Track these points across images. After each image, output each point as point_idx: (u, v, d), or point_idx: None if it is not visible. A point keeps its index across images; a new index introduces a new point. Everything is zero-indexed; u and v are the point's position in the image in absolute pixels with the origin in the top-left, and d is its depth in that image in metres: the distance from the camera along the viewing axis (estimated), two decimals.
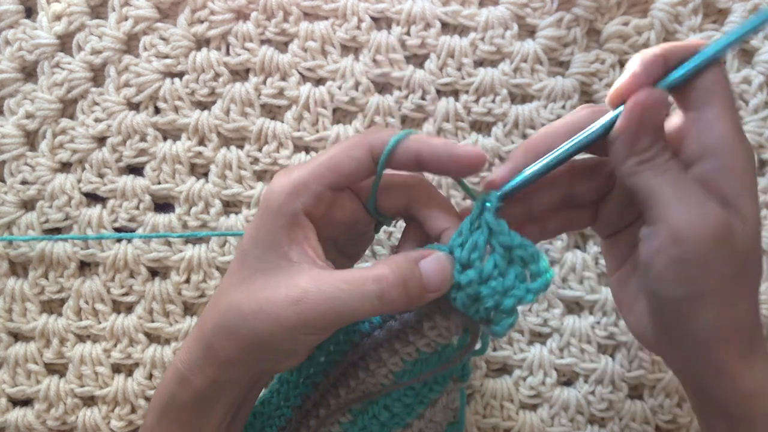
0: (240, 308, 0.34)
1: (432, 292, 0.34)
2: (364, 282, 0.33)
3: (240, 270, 0.36)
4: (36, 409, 0.50)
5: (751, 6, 0.49)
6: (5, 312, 0.50)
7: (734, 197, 0.32)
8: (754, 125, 0.49)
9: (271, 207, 0.35)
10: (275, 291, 0.33)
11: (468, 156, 0.34)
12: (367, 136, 0.36)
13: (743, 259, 0.32)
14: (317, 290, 0.33)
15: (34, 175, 0.49)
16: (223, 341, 0.35)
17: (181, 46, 0.49)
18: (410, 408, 0.39)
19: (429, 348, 0.37)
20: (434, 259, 0.34)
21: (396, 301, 0.33)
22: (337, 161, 0.35)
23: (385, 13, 0.49)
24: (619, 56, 0.49)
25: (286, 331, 0.33)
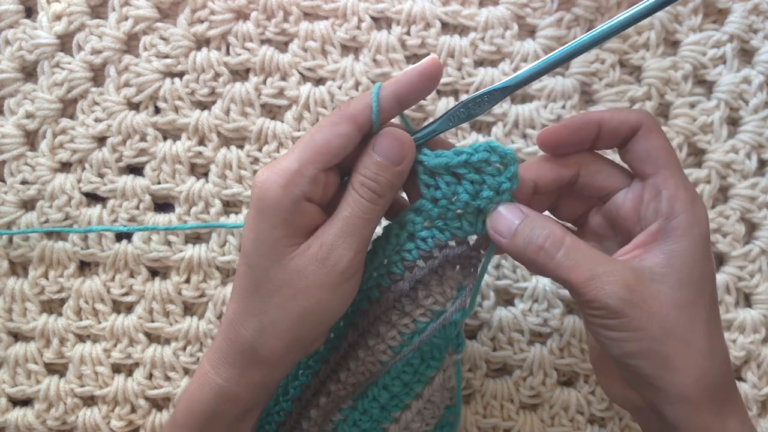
0: (277, 303, 0.35)
1: (399, 163, 0.36)
2: (354, 199, 0.36)
3: (251, 272, 0.36)
4: (36, 409, 0.50)
5: (751, 6, 0.49)
6: (5, 312, 0.50)
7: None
8: (754, 125, 0.49)
9: (269, 203, 0.35)
10: (302, 268, 0.35)
11: (427, 65, 0.36)
12: (344, 109, 0.36)
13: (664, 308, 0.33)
14: (333, 236, 0.35)
15: (34, 175, 0.49)
16: (271, 343, 0.36)
17: (181, 45, 0.49)
18: (409, 387, 0.40)
19: (425, 317, 0.38)
20: (380, 138, 0.36)
21: (383, 191, 0.36)
22: (324, 142, 0.35)
23: (385, 13, 0.49)
24: (619, 56, 0.49)
25: (328, 293, 0.35)
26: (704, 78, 0.50)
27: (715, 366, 0.34)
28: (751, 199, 0.49)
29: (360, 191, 0.36)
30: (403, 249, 0.38)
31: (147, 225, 0.49)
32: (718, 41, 0.49)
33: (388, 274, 0.38)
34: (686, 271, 0.34)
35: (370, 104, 0.36)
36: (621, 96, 0.49)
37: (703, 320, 0.34)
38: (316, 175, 0.35)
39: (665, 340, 0.33)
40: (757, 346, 0.49)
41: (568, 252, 0.34)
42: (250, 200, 0.36)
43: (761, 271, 0.49)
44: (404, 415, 0.40)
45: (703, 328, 0.34)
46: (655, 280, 0.34)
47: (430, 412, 0.42)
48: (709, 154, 0.49)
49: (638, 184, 0.37)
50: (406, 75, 0.36)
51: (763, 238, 0.49)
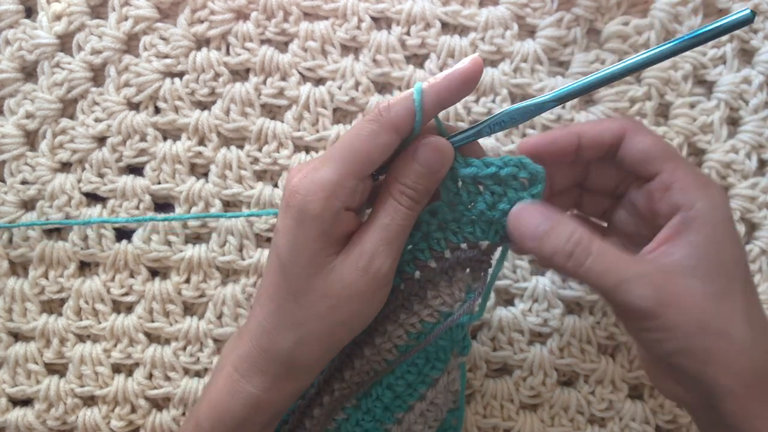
0: (317, 313, 0.35)
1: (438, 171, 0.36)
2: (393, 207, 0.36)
3: (290, 282, 0.36)
4: (36, 409, 0.50)
5: (752, 6, 0.49)
6: (5, 312, 0.50)
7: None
8: (754, 125, 0.49)
9: (312, 214, 0.34)
10: (344, 277, 0.35)
11: (470, 67, 0.35)
12: (385, 115, 0.35)
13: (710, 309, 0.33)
14: (372, 244, 0.35)
15: (34, 175, 0.49)
16: (308, 353, 0.36)
17: (181, 46, 0.49)
18: (413, 388, 0.40)
19: (432, 318, 0.38)
20: (423, 147, 0.36)
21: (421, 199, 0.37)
22: (366, 153, 0.35)
23: (385, 13, 0.49)
24: (619, 56, 0.49)
25: (368, 300, 0.35)
26: (704, 78, 0.50)
27: (758, 355, 0.33)
28: (751, 199, 0.49)
29: (400, 199, 0.36)
30: (416, 248, 0.38)
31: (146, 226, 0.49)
32: (718, 41, 0.49)
33: (399, 273, 0.38)
34: (715, 259, 0.33)
35: (412, 110, 0.35)
36: (621, 96, 0.49)
37: (740, 308, 0.33)
38: (356, 185, 0.35)
39: (703, 335, 0.32)
40: None
41: (597, 258, 0.34)
42: (286, 207, 0.35)
43: (761, 271, 0.49)
44: (407, 417, 0.40)
45: (741, 317, 0.33)
46: (684, 274, 0.33)
47: (432, 414, 0.42)
48: (709, 154, 0.49)
49: (648, 186, 0.37)
50: (449, 78, 0.35)
51: (763, 238, 0.49)
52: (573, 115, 0.49)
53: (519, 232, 0.36)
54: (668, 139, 0.49)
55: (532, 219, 0.36)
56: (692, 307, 0.33)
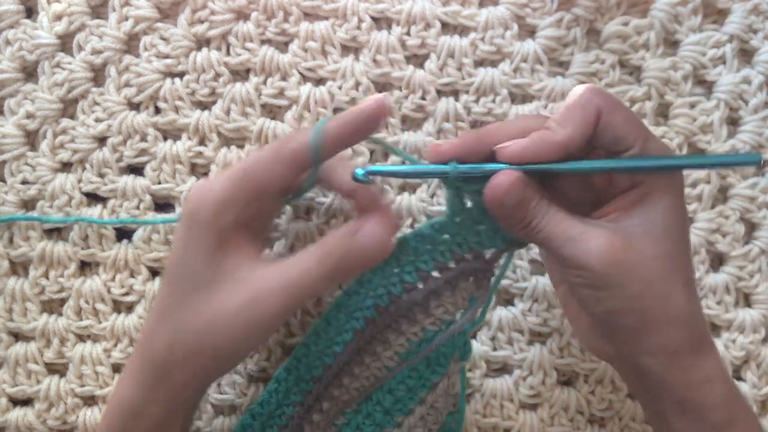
0: (193, 327, 0.35)
1: (371, 260, 0.36)
2: (308, 267, 0.35)
3: (176, 289, 0.36)
4: (36, 409, 0.50)
5: (751, 6, 0.49)
6: (5, 312, 0.50)
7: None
8: (754, 125, 0.49)
9: (200, 222, 0.35)
10: (225, 301, 0.34)
11: (374, 105, 0.36)
12: (285, 146, 0.36)
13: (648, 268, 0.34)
14: (268, 287, 0.34)
15: (34, 175, 0.49)
16: (179, 362, 0.35)
17: (182, 46, 0.49)
18: (413, 392, 0.40)
19: (434, 326, 0.38)
20: (369, 229, 0.35)
21: (343, 272, 0.35)
22: (259, 179, 0.36)
23: (386, 13, 0.49)
24: (619, 56, 0.49)
25: (246, 337, 0.34)
26: (704, 78, 0.50)
27: (693, 316, 0.35)
28: (750, 199, 0.49)
29: (322, 264, 0.35)
30: (419, 259, 0.38)
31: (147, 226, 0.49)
32: (717, 41, 0.49)
33: (400, 283, 0.38)
34: (665, 227, 0.34)
35: (309, 144, 0.35)
36: (621, 96, 0.49)
37: (681, 273, 0.35)
38: (249, 203, 0.35)
39: (646, 296, 0.34)
40: (757, 346, 0.49)
41: (551, 214, 0.35)
42: (182, 215, 0.36)
43: (761, 271, 0.49)
44: (407, 420, 0.40)
45: (682, 280, 0.35)
46: (634, 236, 0.34)
47: (432, 417, 0.42)
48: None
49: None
50: (353, 116, 0.36)
51: (762, 238, 0.49)
52: None
53: (492, 182, 0.36)
54: (668, 139, 0.49)
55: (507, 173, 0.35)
56: (638, 268, 0.34)
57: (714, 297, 0.49)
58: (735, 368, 0.50)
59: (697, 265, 0.49)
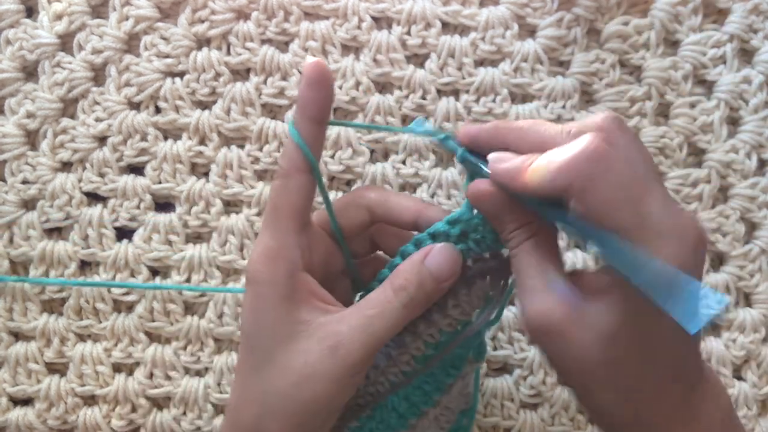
0: (278, 389, 0.33)
1: (445, 281, 0.35)
2: (387, 300, 0.34)
3: (255, 353, 0.34)
4: (36, 409, 0.50)
5: (751, 6, 0.49)
6: (6, 311, 0.50)
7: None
8: (754, 125, 0.49)
9: (262, 282, 0.34)
10: (307, 353, 0.33)
11: (308, 71, 0.34)
12: (282, 166, 0.35)
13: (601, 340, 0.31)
14: (349, 329, 0.33)
15: (34, 175, 0.49)
16: (275, 428, 0.33)
17: (182, 45, 0.49)
18: (428, 396, 0.39)
19: (450, 327, 0.37)
20: (437, 252, 0.35)
21: (419, 303, 0.34)
22: (285, 204, 0.35)
23: (386, 13, 0.49)
24: (619, 56, 0.49)
25: (333, 383, 0.33)
26: (704, 78, 0.50)
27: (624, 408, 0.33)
28: (751, 198, 0.49)
29: (397, 295, 0.34)
30: None
31: (147, 225, 0.49)
32: (718, 41, 0.49)
33: None
34: (615, 332, 0.31)
35: (295, 144, 0.35)
36: (621, 96, 0.49)
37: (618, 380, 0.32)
38: (298, 239, 0.34)
39: (574, 380, 0.33)
40: (757, 345, 0.49)
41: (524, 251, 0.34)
42: (246, 286, 0.35)
43: (761, 271, 0.49)
44: (420, 422, 0.40)
45: (617, 388, 0.32)
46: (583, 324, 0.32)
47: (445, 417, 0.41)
48: (709, 153, 0.49)
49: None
50: (300, 93, 0.35)
51: (763, 238, 0.49)
52: (573, 115, 0.49)
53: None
54: (668, 139, 0.49)
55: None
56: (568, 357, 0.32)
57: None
58: (735, 368, 0.50)
59: None
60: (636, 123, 0.49)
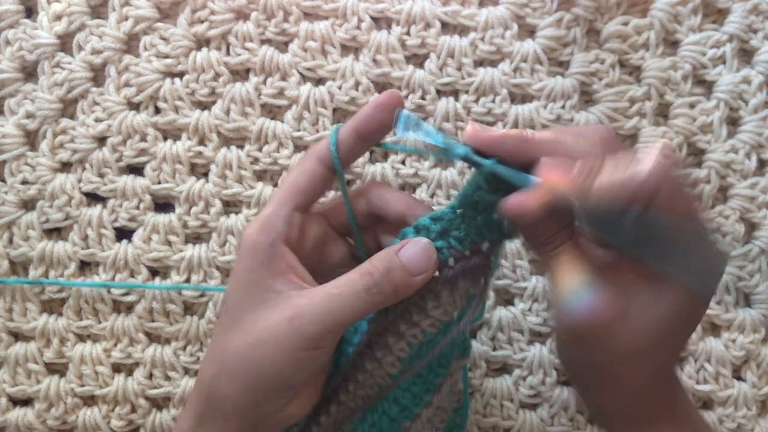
0: (236, 348, 0.34)
1: (417, 275, 0.34)
2: (352, 282, 0.34)
3: (226, 317, 0.35)
4: (36, 409, 0.50)
5: (751, 6, 0.49)
6: (5, 312, 0.50)
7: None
8: (754, 125, 0.49)
9: (247, 246, 0.35)
10: (268, 319, 0.34)
11: (385, 97, 0.36)
12: (310, 148, 0.37)
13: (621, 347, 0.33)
14: (310, 302, 0.33)
15: (34, 175, 0.49)
16: (224, 388, 0.34)
17: (182, 46, 0.49)
18: (418, 398, 0.39)
19: (433, 328, 0.37)
20: (412, 244, 0.34)
21: (384, 291, 0.34)
22: (293, 181, 0.36)
23: (385, 13, 0.49)
24: (619, 56, 0.49)
25: (286, 352, 0.33)
26: (704, 78, 0.50)
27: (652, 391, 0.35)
28: (750, 198, 0.49)
29: (362, 278, 0.34)
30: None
31: (146, 225, 0.49)
32: (717, 41, 0.49)
33: None
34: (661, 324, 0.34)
35: (328, 143, 0.36)
36: (621, 96, 0.49)
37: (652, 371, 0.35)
38: (290, 214, 0.35)
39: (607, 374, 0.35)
40: (757, 345, 0.49)
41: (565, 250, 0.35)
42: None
43: (761, 271, 0.49)
44: (414, 425, 0.40)
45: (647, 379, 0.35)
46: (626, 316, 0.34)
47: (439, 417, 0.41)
48: (708, 154, 0.49)
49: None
50: (365, 108, 0.36)
51: (762, 238, 0.49)
52: (572, 115, 0.49)
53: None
54: (668, 139, 0.49)
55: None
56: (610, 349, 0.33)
57: (714, 297, 0.49)
58: (735, 368, 0.50)
59: None
60: (635, 123, 0.49)
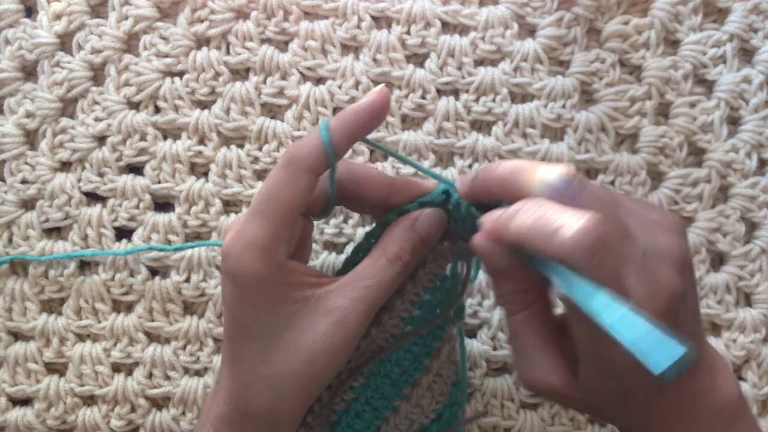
0: (292, 369, 0.34)
1: (433, 242, 0.37)
2: (384, 270, 0.35)
3: (256, 345, 0.35)
4: (36, 409, 0.50)
5: (752, 5, 0.49)
6: (5, 311, 0.50)
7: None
8: (754, 125, 0.49)
9: (251, 274, 0.34)
10: (314, 331, 0.34)
11: (374, 99, 0.35)
12: (297, 158, 0.34)
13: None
14: (352, 301, 0.34)
15: (34, 175, 0.49)
16: (288, 411, 0.35)
17: (182, 45, 0.49)
18: (418, 361, 0.40)
19: (431, 283, 0.39)
20: (425, 217, 0.37)
21: (411, 267, 0.37)
22: (287, 201, 0.34)
23: (386, 13, 0.49)
24: (619, 55, 0.49)
25: (343, 354, 0.35)
26: (704, 77, 0.50)
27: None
28: (751, 198, 0.49)
29: (394, 264, 0.36)
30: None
31: (146, 225, 0.49)
32: (718, 41, 0.49)
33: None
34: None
35: (322, 148, 0.35)
36: (621, 95, 0.49)
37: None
38: (287, 233, 0.35)
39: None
40: (758, 345, 0.49)
41: (524, 319, 0.36)
42: (224, 272, 0.35)
43: (761, 271, 0.49)
44: (414, 391, 0.40)
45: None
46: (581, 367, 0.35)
47: (438, 386, 0.42)
48: (709, 153, 0.49)
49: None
50: (356, 111, 0.35)
51: (763, 238, 0.49)
52: (573, 114, 0.49)
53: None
54: (668, 139, 0.49)
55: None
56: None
57: (714, 296, 0.49)
58: (736, 368, 0.50)
59: (698, 264, 0.49)
60: (636, 123, 0.49)
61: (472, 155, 0.49)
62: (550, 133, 0.50)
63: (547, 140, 0.49)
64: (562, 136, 0.49)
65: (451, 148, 0.49)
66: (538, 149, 0.49)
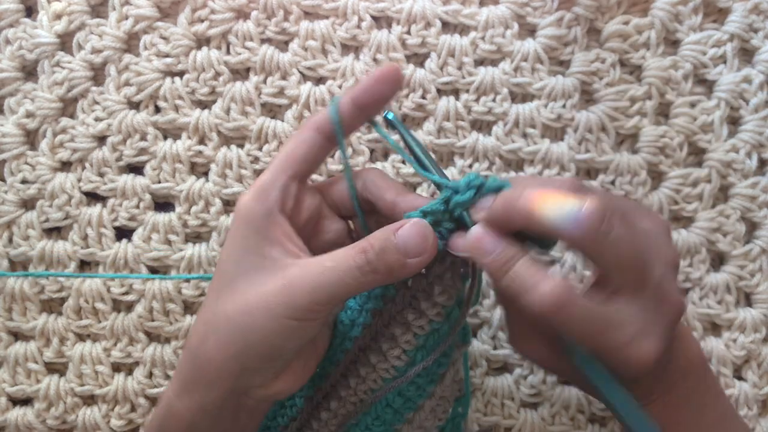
0: (225, 312, 0.34)
1: (413, 257, 0.33)
2: (347, 258, 0.33)
3: (219, 282, 0.35)
4: (36, 408, 0.50)
5: (752, 5, 0.49)
6: (5, 311, 0.50)
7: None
8: (755, 124, 0.49)
9: (242, 214, 0.35)
10: (260, 286, 0.34)
11: (385, 69, 0.36)
12: (308, 118, 0.38)
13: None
14: (303, 272, 0.34)
15: (34, 174, 0.49)
16: (211, 352, 0.34)
17: (182, 45, 0.49)
18: (422, 389, 0.39)
19: (439, 317, 0.37)
20: (407, 225, 0.34)
21: (378, 271, 0.33)
22: (290, 151, 0.37)
23: (386, 12, 0.49)
24: (619, 55, 0.49)
25: (275, 320, 0.33)
26: (704, 77, 0.50)
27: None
28: (751, 198, 0.49)
29: (357, 255, 0.33)
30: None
31: (146, 225, 0.49)
32: (718, 40, 0.49)
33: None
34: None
35: (326, 113, 0.36)
36: (621, 95, 0.49)
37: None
38: (286, 183, 0.36)
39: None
40: (758, 345, 0.49)
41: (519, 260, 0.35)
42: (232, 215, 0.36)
43: (762, 271, 0.49)
44: (417, 415, 0.40)
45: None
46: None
47: (442, 407, 0.41)
48: (709, 153, 0.49)
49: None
50: (363, 80, 0.37)
51: (763, 238, 0.49)
52: (573, 114, 0.49)
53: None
54: (668, 139, 0.49)
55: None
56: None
57: (715, 296, 0.49)
58: (736, 368, 0.50)
59: (698, 264, 0.49)
60: (636, 122, 0.49)
61: (472, 155, 0.49)
62: (550, 133, 0.50)
63: (548, 140, 0.49)
64: (563, 136, 0.49)
65: (452, 148, 0.49)
66: (538, 149, 0.49)
